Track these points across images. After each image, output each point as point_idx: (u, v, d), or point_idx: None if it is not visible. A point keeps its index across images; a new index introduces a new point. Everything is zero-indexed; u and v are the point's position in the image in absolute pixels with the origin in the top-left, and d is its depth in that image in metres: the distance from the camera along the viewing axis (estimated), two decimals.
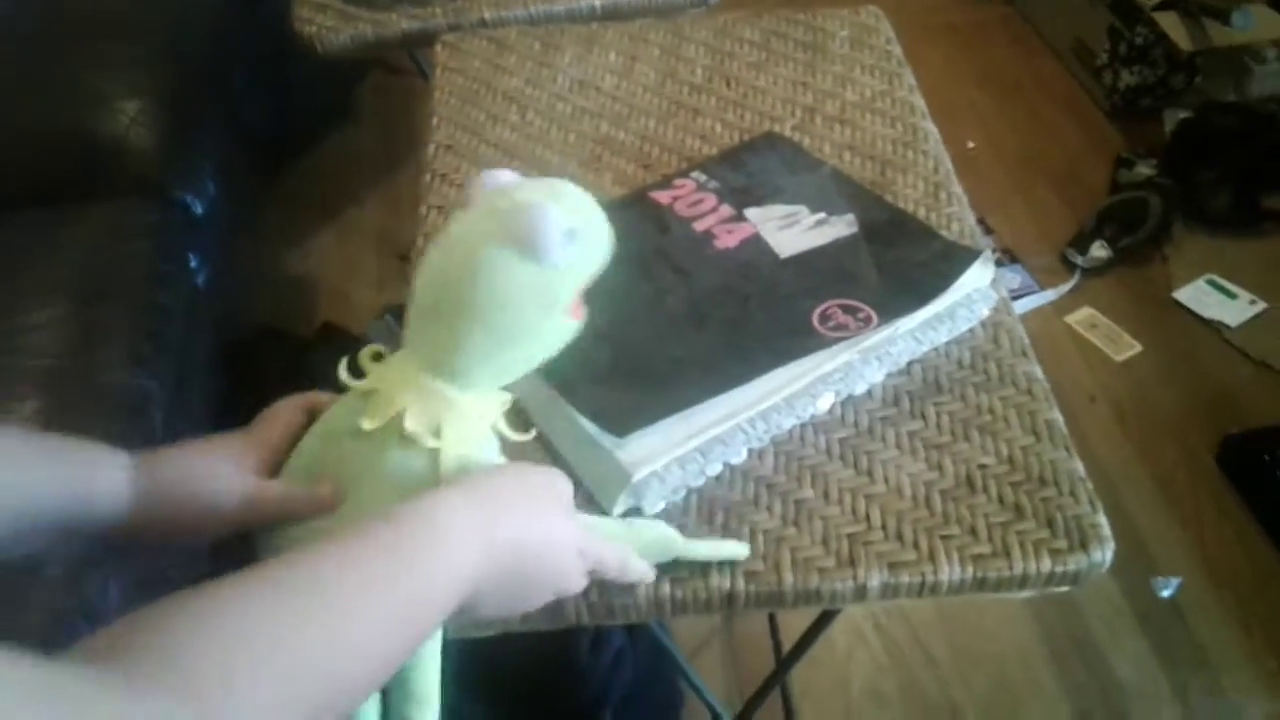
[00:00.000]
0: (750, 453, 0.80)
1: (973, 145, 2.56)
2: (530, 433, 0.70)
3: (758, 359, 0.80)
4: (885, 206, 0.98)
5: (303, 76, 2.22)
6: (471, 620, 0.64)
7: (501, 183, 0.67)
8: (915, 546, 0.74)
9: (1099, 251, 2.21)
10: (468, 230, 0.64)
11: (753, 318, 0.85)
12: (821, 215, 0.95)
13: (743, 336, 0.83)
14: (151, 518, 0.62)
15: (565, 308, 0.66)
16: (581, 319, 0.68)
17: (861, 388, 0.84)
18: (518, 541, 0.60)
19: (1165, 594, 1.71)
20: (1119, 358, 2.07)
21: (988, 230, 2.29)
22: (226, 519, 0.64)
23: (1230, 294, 2.17)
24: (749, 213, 0.96)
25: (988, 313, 0.89)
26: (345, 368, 0.66)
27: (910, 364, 0.86)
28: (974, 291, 0.89)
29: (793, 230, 0.94)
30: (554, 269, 0.64)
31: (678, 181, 1.01)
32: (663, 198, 0.98)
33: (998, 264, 0.90)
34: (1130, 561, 1.74)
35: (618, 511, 0.75)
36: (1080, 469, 0.79)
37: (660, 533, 0.72)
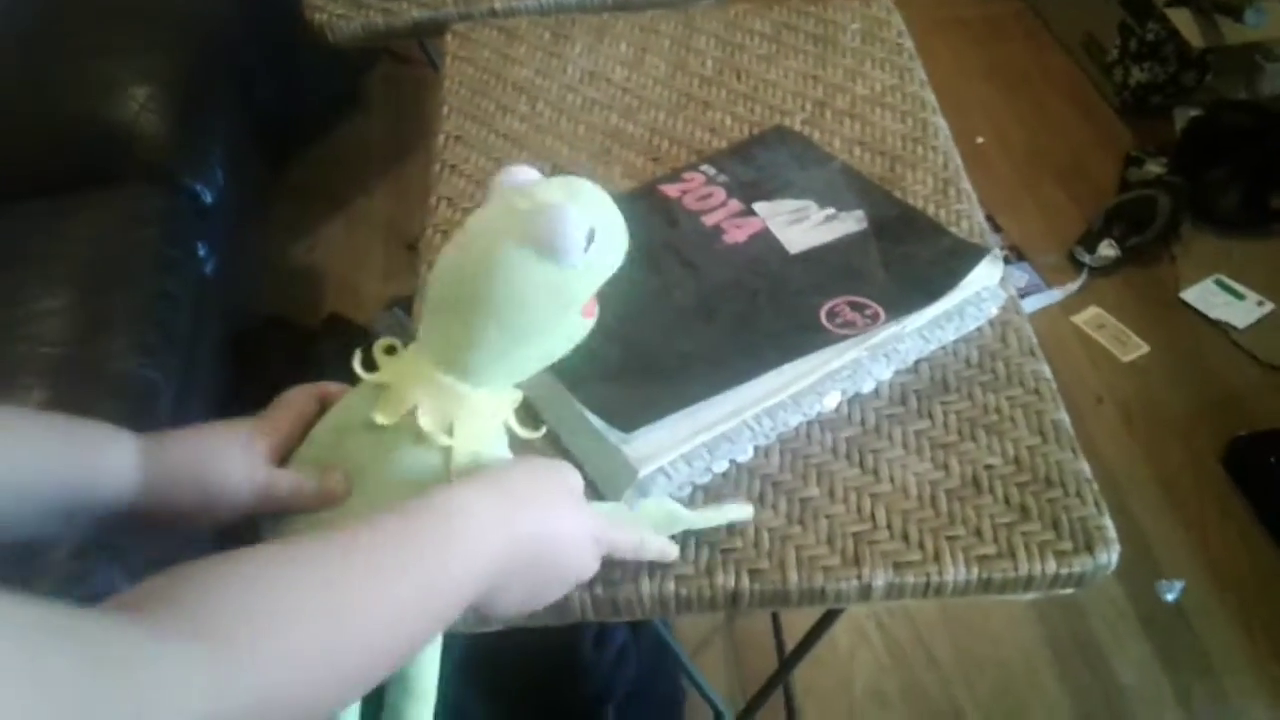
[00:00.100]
0: (756, 450, 0.79)
1: (981, 140, 2.55)
2: (540, 430, 0.70)
3: (765, 355, 0.79)
4: (894, 202, 0.97)
5: (312, 65, 2.22)
6: (487, 617, 0.64)
7: (520, 180, 0.67)
8: (920, 546, 0.74)
9: (1107, 250, 2.21)
10: (487, 227, 0.64)
11: (761, 313, 0.84)
12: (831, 211, 0.95)
13: (751, 332, 0.82)
14: (159, 500, 0.62)
15: (581, 307, 0.66)
16: (594, 318, 0.68)
17: (869, 386, 0.84)
18: (535, 536, 0.61)
19: (1169, 597, 1.71)
20: (1126, 358, 2.07)
21: (995, 227, 2.28)
22: (234, 504, 0.63)
23: (1238, 295, 2.17)
24: (758, 207, 0.95)
25: (996, 311, 0.89)
26: (359, 360, 0.66)
27: (918, 362, 0.86)
28: (982, 290, 0.88)
29: (802, 225, 0.93)
30: (572, 269, 0.64)
31: (687, 175, 1.00)
32: (672, 191, 0.98)
33: (1005, 262, 0.89)
34: (1134, 564, 1.74)
35: None
36: (1086, 470, 0.79)
37: (666, 509, 0.73)
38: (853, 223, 0.93)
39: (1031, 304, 2.15)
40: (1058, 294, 2.19)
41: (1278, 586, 1.73)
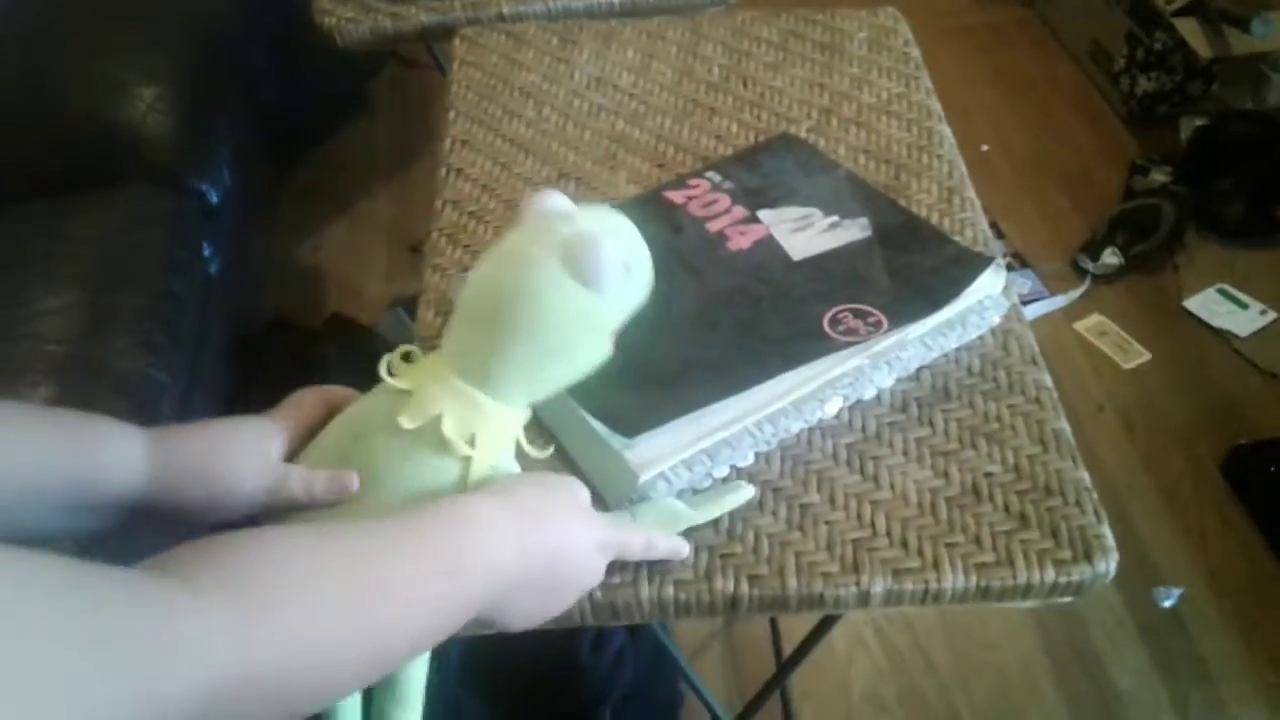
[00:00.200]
0: (757, 456, 0.80)
1: (986, 148, 2.56)
2: (548, 450, 0.71)
3: (768, 362, 0.80)
4: (899, 211, 0.97)
5: (318, 68, 2.22)
6: (495, 626, 0.65)
7: (553, 205, 0.70)
8: (920, 554, 0.74)
9: (1110, 258, 2.21)
10: (527, 249, 0.67)
11: (764, 320, 0.85)
12: (835, 218, 0.95)
13: (754, 339, 0.83)
14: (166, 494, 0.62)
15: (607, 335, 0.69)
16: (611, 350, 0.70)
17: (870, 393, 0.84)
18: (544, 549, 0.62)
19: (1167, 604, 1.71)
20: (1128, 365, 2.07)
21: (999, 234, 2.28)
22: (243, 499, 0.64)
23: (1241, 304, 2.17)
24: (762, 214, 0.96)
25: (998, 320, 0.89)
26: (385, 365, 0.67)
27: (919, 370, 0.86)
28: (985, 298, 0.88)
29: (806, 233, 0.94)
30: (606, 298, 0.67)
31: (692, 181, 1.01)
32: (677, 197, 0.98)
33: (1008, 268, 0.90)
34: (1133, 571, 1.74)
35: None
36: (1086, 479, 0.79)
37: (668, 508, 0.74)
38: (857, 230, 0.94)
39: (1034, 310, 2.15)
40: (1060, 301, 2.19)
41: (1276, 595, 1.73)
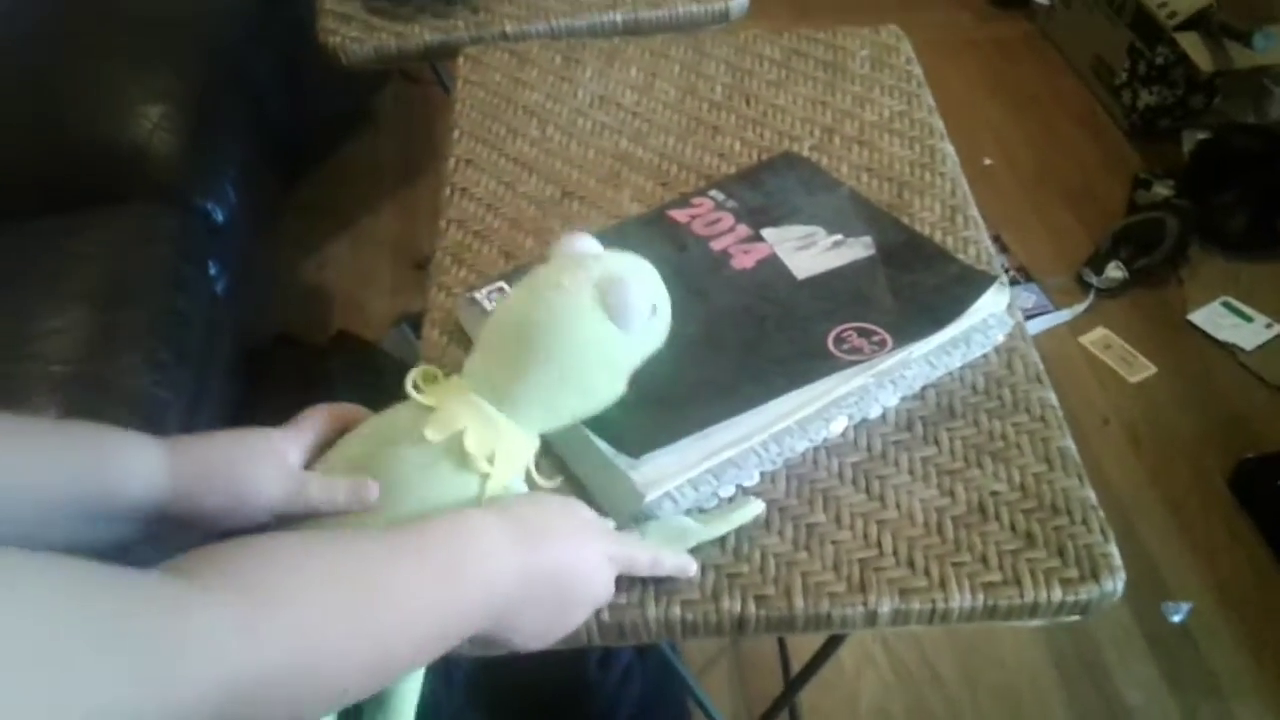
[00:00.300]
0: (762, 475, 0.80)
1: (989, 162, 2.56)
2: (557, 479, 0.75)
3: (773, 382, 0.80)
4: (902, 229, 0.98)
5: (323, 84, 2.23)
6: (505, 647, 0.66)
7: (583, 246, 0.74)
8: (926, 573, 0.74)
9: (1115, 272, 2.21)
10: (563, 284, 0.70)
11: (769, 339, 0.85)
12: (839, 237, 0.95)
13: (758, 358, 0.83)
14: (187, 500, 0.63)
15: (626, 373, 0.73)
16: (625, 388, 0.74)
17: (875, 412, 0.84)
18: (548, 565, 0.63)
19: (1176, 619, 1.71)
20: (1133, 379, 2.07)
21: (1003, 248, 2.28)
22: (263, 505, 0.65)
23: (1246, 317, 2.17)
24: (766, 233, 0.96)
25: (1003, 338, 0.89)
26: (411, 381, 0.70)
27: (924, 389, 0.86)
28: (989, 316, 0.88)
29: (809, 251, 0.94)
30: (631, 338, 0.71)
31: (695, 200, 1.01)
32: (680, 216, 0.99)
33: (1012, 282, 0.90)
34: (1141, 586, 1.74)
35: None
36: (1092, 497, 0.79)
37: (676, 525, 0.75)
38: (860, 249, 0.94)
39: (1038, 325, 2.15)
40: (1065, 315, 2.19)
41: None
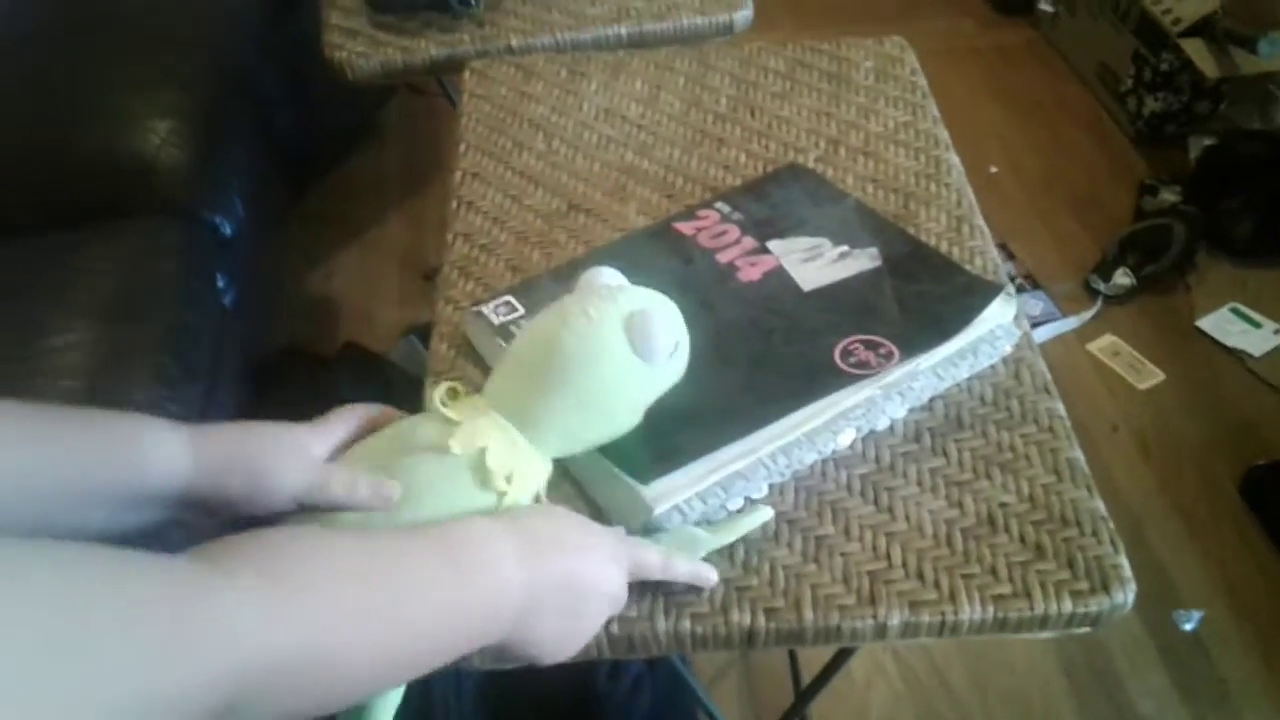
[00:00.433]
0: (771, 488, 0.80)
1: (995, 170, 2.56)
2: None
3: (780, 399, 0.80)
4: (908, 240, 0.98)
5: (329, 96, 2.23)
6: (528, 660, 0.67)
7: (608, 279, 0.77)
8: (936, 585, 0.74)
9: (1122, 279, 2.21)
10: (589, 314, 0.71)
11: (776, 353, 0.85)
12: (844, 248, 0.95)
13: (765, 373, 0.83)
14: (211, 487, 0.64)
15: (643, 406, 0.75)
16: (640, 420, 0.75)
17: (883, 423, 0.84)
18: (556, 569, 0.63)
19: (1187, 627, 1.70)
20: (1141, 386, 2.06)
21: (1009, 256, 2.28)
22: (287, 494, 0.65)
23: (1254, 323, 2.16)
24: (772, 245, 0.96)
25: (1010, 349, 0.89)
26: (439, 395, 0.71)
27: (932, 400, 0.86)
28: (997, 327, 0.88)
29: (815, 263, 0.94)
30: (653, 371, 0.73)
31: (701, 212, 1.01)
32: (686, 229, 0.99)
33: (1019, 290, 0.90)
34: (1152, 594, 1.73)
35: None
36: (1102, 508, 0.79)
37: (686, 535, 0.75)
38: (866, 260, 0.94)
39: (1046, 332, 2.15)
40: (1073, 322, 2.19)
41: None
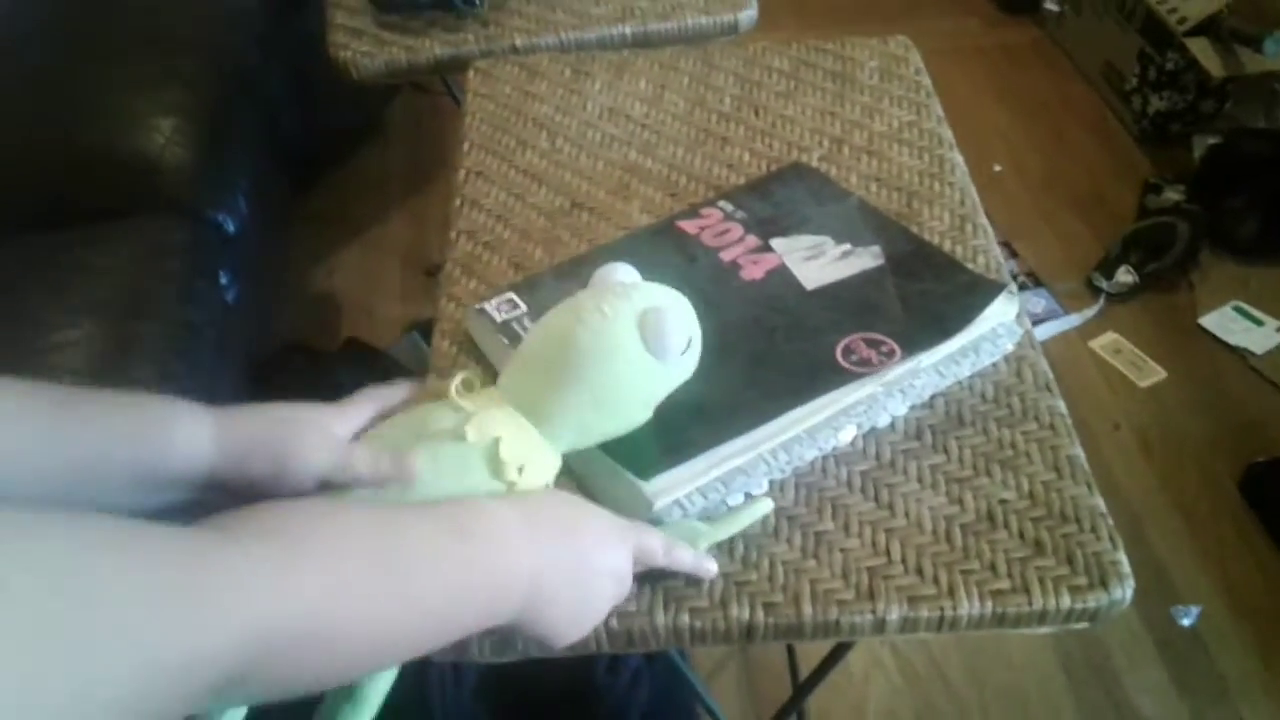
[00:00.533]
0: (771, 484, 0.81)
1: (999, 168, 2.56)
2: None
3: (781, 396, 0.80)
4: (911, 238, 0.98)
5: (334, 94, 2.24)
6: (536, 645, 0.68)
7: (622, 275, 0.77)
8: (935, 581, 0.75)
9: (1125, 277, 2.21)
10: (603, 311, 0.72)
11: (778, 351, 0.85)
12: (847, 246, 0.96)
13: (767, 371, 0.83)
14: (235, 467, 0.64)
15: (654, 402, 0.75)
16: (650, 416, 0.75)
17: (884, 420, 0.85)
18: (566, 559, 0.65)
19: (1185, 623, 1.71)
20: (1144, 384, 2.07)
21: (1012, 254, 2.29)
22: (310, 474, 0.66)
23: (1257, 321, 2.17)
24: (775, 243, 0.97)
25: (1012, 347, 0.90)
26: (454, 385, 0.71)
27: (933, 397, 0.87)
28: (998, 325, 0.89)
29: (818, 261, 0.94)
30: (666, 368, 0.73)
31: (705, 211, 1.02)
32: (690, 227, 0.99)
33: (1022, 288, 0.91)
34: (1151, 590, 1.74)
35: None
36: (1101, 505, 0.79)
37: (686, 528, 0.76)
38: (869, 259, 0.95)
39: (1049, 330, 2.15)
40: (1075, 320, 2.19)
41: None
